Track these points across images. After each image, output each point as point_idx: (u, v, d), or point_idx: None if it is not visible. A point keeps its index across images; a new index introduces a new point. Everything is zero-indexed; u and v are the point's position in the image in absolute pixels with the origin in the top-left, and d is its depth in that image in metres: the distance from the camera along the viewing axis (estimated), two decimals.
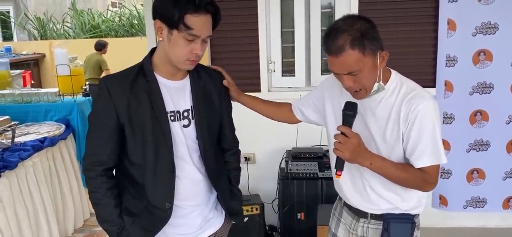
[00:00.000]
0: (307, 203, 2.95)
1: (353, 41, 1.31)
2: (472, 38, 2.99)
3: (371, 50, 1.34)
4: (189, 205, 1.52)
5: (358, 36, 1.31)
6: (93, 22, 11.34)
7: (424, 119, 1.39)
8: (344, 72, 1.36)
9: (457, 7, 2.96)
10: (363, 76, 1.36)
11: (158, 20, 1.36)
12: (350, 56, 1.32)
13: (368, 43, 1.33)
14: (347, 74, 1.36)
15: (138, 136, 1.41)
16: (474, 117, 3.11)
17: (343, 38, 1.32)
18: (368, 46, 1.33)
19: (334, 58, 1.35)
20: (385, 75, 1.45)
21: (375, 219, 1.56)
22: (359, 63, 1.33)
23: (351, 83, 1.38)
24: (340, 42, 1.32)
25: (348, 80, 1.37)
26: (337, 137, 1.38)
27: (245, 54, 3.16)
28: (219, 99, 1.58)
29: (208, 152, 1.52)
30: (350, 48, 1.31)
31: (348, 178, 1.58)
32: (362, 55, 1.32)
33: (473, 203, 3.22)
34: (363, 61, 1.33)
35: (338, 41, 1.32)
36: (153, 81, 1.43)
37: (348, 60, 1.32)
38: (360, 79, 1.37)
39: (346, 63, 1.33)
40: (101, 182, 1.43)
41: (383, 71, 1.43)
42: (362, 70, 1.34)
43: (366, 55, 1.33)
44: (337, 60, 1.34)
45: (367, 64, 1.34)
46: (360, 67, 1.34)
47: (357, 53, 1.32)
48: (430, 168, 1.41)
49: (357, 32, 1.32)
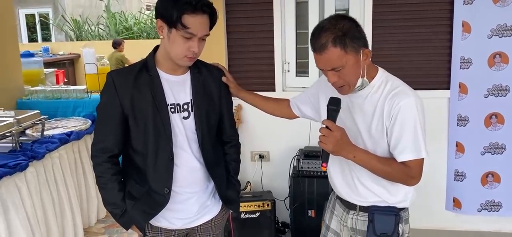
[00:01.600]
0: (318, 201, 3.01)
1: (335, 39, 1.39)
2: (488, 40, 2.97)
3: (353, 48, 1.41)
4: (187, 192, 1.62)
5: (340, 34, 1.39)
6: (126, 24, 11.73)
7: (406, 115, 1.45)
8: (328, 68, 1.44)
9: (472, 9, 2.95)
10: (346, 72, 1.44)
11: (159, 20, 1.49)
12: (332, 53, 1.40)
13: (350, 41, 1.40)
14: (331, 70, 1.44)
15: (140, 126, 1.54)
16: (489, 120, 3.08)
17: (326, 36, 1.40)
18: (350, 44, 1.40)
19: (318, 55, 1.44)
20: (372, 72, 1.52)
21: (363, 211, 1.63)
22: (341, 60, 1.41)
23: (336, 79, 1.45)
24: (323, 40, 1.40)
25: (333, 76, 1.45)
26: (322, 130, 1.46)
27: (261, 54, 3.25)
28: (218, 94, 1.68)
29: (206, 143, 1.62)
30: (332, 46, 1.39)
31: (338, 171, 1.65)
32: (344, 52, 1.40)
33: (488, 206, 3.19)
34: (345, 58, 1.41)
35: (321, 39, 1.41)
36: (155, 75, 1.55)
37: (330, 56, 1.40)
38: (343, 75, 1.44)
39: (329, 59, 1.41)
40: (107, 168, 1.56)
41: (370, 68, 1.50)
42: (344, 66, 1.42)
43: (348, 52, 1.41)
44: (321, 57, 1.43)
45: (350, 61, 1.42)
46: (343, 63, 1.41)
47: (338, 50, 1.40)
48: (412, 163, 1.47)
49: (339, 31, 1.40)
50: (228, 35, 3.24)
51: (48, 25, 13.33)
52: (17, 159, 2.72)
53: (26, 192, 2.74)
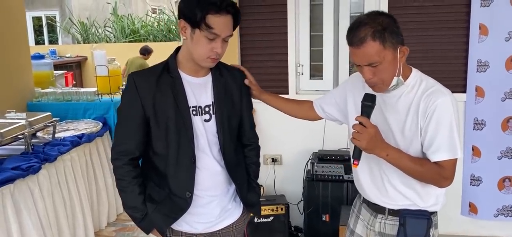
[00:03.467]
0: (332, 205, 2.97)
1: (374, 33, 1.37)
2: (505, 43, 2.94)
3: (391, 43, 1.39)
4: (208, 195, 1.59)
5: (379, 29, 1.37)
6: (133, 27, 11.75)
7: (442, 114, 1.42)
8: (364, 63, 1.41)
9: (489, 12, 2.91)
10: (383, 68, 1.41)
11: (182, 20, 1.46)
12: (371, 47, 1.37)
13: (389, 36, 1.38)
14: (367, 65, 1.41)
15: (162, 128, 1.51)
16: (506, 124, 3.03)
17: (365, 30, 1.38)
18: (388, 39, 1.38)
19: (355, 49, 1.41)
20: (406, 72, 1.49)
21: (392, 215, 1.59)
22: (379, 55, 1.38)
23: (371, 75, 1.43)
24: (362, 34, 1.38)
25: (368, 72, 1.42)
26: (355, 127, 1.42)
27: (274, 56, 3.23)
28: (239, 96, 1.65)
29: (227, 146, 1.60)
30: (371, 40, 1.37)
31: (367, 172, 1.61)
32: (383, 47, 1.38)
33: (505, 212, 3.14)
34: (383, 53, 1.38)
35: (360, 32, 1.38)
36: (177, 77, 1.52)
37: (369, 50, 1.38)
38: (379, 71, 1.41)
39: (367, 53, 1.38)
40: (127, 170, 1.53)
41: (404, 68, 1.47)
42: (382, 62, 1.39)
43: (387, 48, 1.38)
44: (359, 51, 1.40)
45: (387, 56, 1.39)
46: (380, 59, 1.39)
47: (377, 44, 1.37)
48: (446, 163, 1.44)
49: (379, 25, 1.37)
50: (241, 37, 3.22)
51: (54, 27, 13.38)
52: (29, 162, 2.70)
53: (39, 194, 2.72)
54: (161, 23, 11.87)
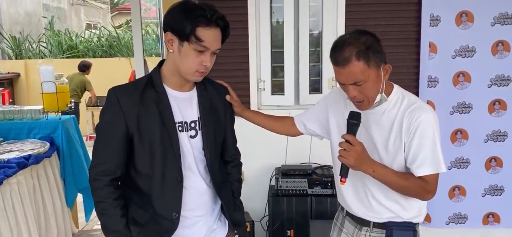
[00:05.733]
0: (297, 220, 2.98)
1: (359, 53, 1.39)
2: (452, 60, 3.14)
3: (375, 62, 1.42)
4: (195, 216, 1.54)
5: (363, 48, 1.40)
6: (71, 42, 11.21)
7: (425, 130, 1.46)
8: (350, 82, 1.43)
9: (437, 31, 3.10)
10: (367, 86, 1.43)
11: (169, 33, 1.41)
12: (356, 66, 1.40)
13: (373, 56, 1.41)
14: (352, 84, 1.44)
15: (146, 146, 1.43)
16: (454, 136, 3.23)
17: (349, 50, 1.40)
18: (372, 58, 1.41)
19: (341, 68, 1.42)
20: (388, 88, 1.54)
21: (377, 228, 1.62)
22: (364, 74, 1.41)
23: (356, 93, 1.45)
24: (347, 54, 1.40)
25: (354, 90, 1.45)
26: (342, 144, 1.44)
27: (236, 72, 3.21)
28: (224, 111, 1.63)
29: (214, 163, 1.55)
30: (356, 59, 1.39)
31: (350, 187, 1.63)
32: (367, 66, 1.40)
33: (455, 219, 3.32)
34: (367, 72, 1.41)
35: (345, 52, 1.40)
36: (162, 92, 1.46)
37: (354, 70, 1.40)
38: (364, 89, 1.44)
39: (352, 73, 1.41)
40: (108, 192, 1.43)
41: (386, 85, 1.51)
42: (366, 81, 1.42)
43: (371, 67, 1.41)
44: (344, 71, 1.42)
45: (372, 75, 1.42)
46: (365, 77, 1.41)
47: (362, 64, 1.40)
48: (430, 177, 1.49)
49: (363, 45, 1.40)
50: None
51: None
52: None
53: None
54: (102, 39, 11.43)
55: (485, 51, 3.10)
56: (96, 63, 8.62)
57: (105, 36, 11.59)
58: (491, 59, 3.10)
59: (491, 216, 3.31)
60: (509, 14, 3.04)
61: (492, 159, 3.24)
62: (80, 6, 16.00)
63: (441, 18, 3.07)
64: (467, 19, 3.06)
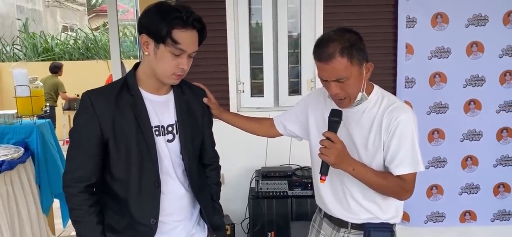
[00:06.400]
0: (277, 222, 2.98)
1: (342, 50, 1.40)
2: (428, 61, 3.19)
3: (358, 60, 1.43)
4: (173, 221, 1.51)
5: (347, 45, 1.40)
6: (46, 44, 10.97)
7: (404, 130, 1.48)
8: (332, 78, 1.43)
9: (413, 32, 3.15)
10: (349, 83, 1.44)
11: (144, 35, 1.38)
12: (339, 63, 1.40)
13: (356, 53, 1.42)
14: (335, 81, 1.44)
15: (122, 151, 1.40)
16: (431, 136, 3.28)
17: (333, 46, 1.40)
18: (355, 56, 1.42)
19: (324, 64, 1.42)
20: (368, 88, 1.55)
21: (355, 229, 1.62)
22: (347, 71, 1.41)
23: (338, 90, 1.45)
24: (331, 50, 1.40)
25: (336, 87, 1.45)
26: (323, 142, 1.43)
27: (215, 74, 3.20)
28: (201, 114, 1.60)
29: (192, 167, 1.53)
30: (339, 56, 1.40)
31: (328, 187, 1.63)
32: (350, 63, 1.41)
33: (433, 218, 3.38)
34: (350, 69, 1.42)
35: (329, 48, 1.41)
36: (138, 95, 1.43)
37: (337, 66, 1.41)
38: (346, 86, 1.45)
39: (335, 69, 1.41)
40: (83, 198, 1.39)
41: (367, 84, 1.52)
42: (349, 78, 1.43)
43: (354, 64, 1.42)
44: (327, 67, 1.42)
45: (354, 72, 1.43)
46: (348, 74, 1.42)
47: (345, 61, 1.40)
48: (408, 176, 1.50)
49: (347, 41, 1.41)
50: None
51: None
52: None
53: None
54: (79, 41, 11.23)
55: (460, 52, 3.16)
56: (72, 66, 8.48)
57: (82, 38, 11.39)
58: (466, 60, 3.17)
59: (467, 214, 3.38)
60: (483, 16, 3.10)
61: (468, 158, 3.30)
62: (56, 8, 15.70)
63: (417, 20, 3.11)
64: (442, 21, 3.11)
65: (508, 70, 3.19)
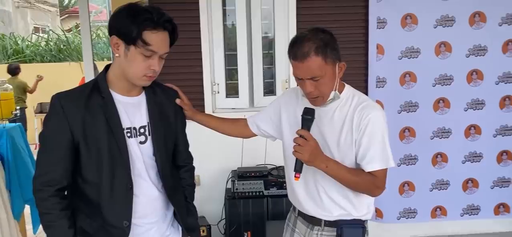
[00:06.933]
0: (254, 222, 2.99)
1: (317, 49, 1.43)
2: (398, 61, 3.27)
3: (332, 59, 1.47)
4: (147, 223, 1.51)
5: (322, 44, 1.44)
6: (16, 46, 10.69)
7: (375, 127, 1.52)
8: (307, 76, 1.47)
9: (384, 33, 3.23)
10: (323, 82, 1.48)
11: (115, 36, 1.37)
12: (314, 61, 1.44)
13: (330, 52, 1.46)
14: (309, 79, 1.47)
15: (93, 154, 1.39)
16: (403, 134, 3.37)
17: (308, 45, 1.44)
18: (329, 55, 1.46)
19: (299, 63, 1.46)
20: (340, 87, 1.59)
21: (328, 226, 1.65)
22: (321, 69, 1.45)
23: (312, 89, 1.49)
24: (306, 48, 1.43)
25: (310, 86, 1.48)
26: (297, 140, 1.46)
27: (189, 75, 3.19)
28: (174, 115, 1.61)
29: (165, 168, 1.53)
30: (314, 54, 1.43)
31: (302, 184, 1.66)
32: (324, 62, 1.45)
33: (406, 214, 3.46)
34: (325, 68, 1.46)
35: (304, 47, 1.44)
36: (108, 97, 1.43)
37: (312, 65, 1.44)
38: (320, 85, 1.48)
39: (310, 68, 1.44)
40: (54, 202, 1.38)
41: (339, 83, 1.56)
42: (323, 77, 1.46)
43: (328, 63, 1.46)
44: (302, 65, 1.45)
45: (328, 71, 1.47)
46: (322, 73, 1.45)
47: (320, 59, 1.44)
48: (379, 172, 1.54)
49: (321, 41, 1.45)
50: None
51: None
52: None
53: None
54: (50, 43, 10.98)
55: (429, 52, 3.25)
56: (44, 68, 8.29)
57: (54, 40, 11.15)
58: (435, 60, 3.26)
59: (438, 209, 3.48)
60: (450, 17, 3.20)
61: (438, 155, 3.40)
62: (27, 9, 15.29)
63: (387, 21, 3.19)
64: (411, 22, 3.20)
65: (474, 69, 3.30)
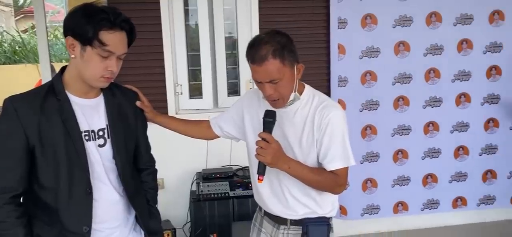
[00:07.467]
0: (220, 223, 2.97)
1: (275, 52, 1.43)
2: (359, 61, 3.33)
3: (289, 61, 1.47)
4: (108, 228, 1.47)
5: (279, 47, 1.44)
6: None
7: (335, 126, 1.54)
8: (266, 80, 1.46)
9: (345, 33, 3.28)
10: (282, 84, 1.48)
11: (70, 37, 1.33)
12: (272, 64, 1.43)
13: (288, 55, 1.46)
14: (268, 82, 1.47)
15: (50, 159, 1.34)
16: (365, 132, 3.43)
17: (266, 48, 1.43)
18: (287, 57, 1.46)
19: (257, 66, 1.45)
20: (300, 87, 1.60)
21: (294, 225, 1.66)
22: (279, 72, 1.45)
23: (272, 91, 1.49)
24: (263, 52, 1.43)
25: (270, 88, 1.48)
26: (259, 143, 1.46)
27: (151, 77, 3.14)
28: (134, 117, 1.57)
29: (126, 172, 1.49)
30: (272, 57, 1.43)
31: (267, 185, 1.66)
32: (282, 64, 1.45)
33: (369, 210, 3.53)
34: (283, 71, 1.46)
35: (262, 50, 1.43)
36: (65, 100, 1.38)
37: (270, 68, 1.44)
38: (279, 87, 1.48)
39: (269, 71, 1.44)
40: (9, 210, 1.32)
41: (298, 84, 1.57)
42: (282, 79, 1.46)
43: (286, 65, 1.46)
44: (260, 69, 1.45)
45: (286, 73, 1.47)
46: (280, 75, 1.45)
47: (278, 62, 1.44)
48: (340, 171, 1.56)
49: (278, 44, 1.45)
50: None
51: None
52: None
53: None
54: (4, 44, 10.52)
55: (388, 51, 3.33)
56: None
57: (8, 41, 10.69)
58: (394, 59, 3.34)
59: (400, 204, 3.57)
60: (408, 17, 3.30)
61: (399, 151, 3.49)
62: None
63: (348, 21, 3.24)
64: (371, 22, 3.27)
65: (432, 68, 3.41)
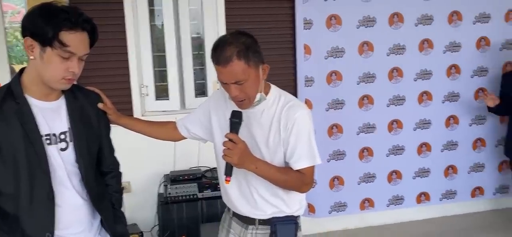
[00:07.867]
0: (188, 226, 2.95)
1: (239, 53, 1.43)
2: (325, 61, 3.38)
3: (254, 62, 1.47)
4: (71, 234, 1.43)
5: (243, 48, 1.44)
6: None
7: (301, 126, 1.56)
8: (231, 81, 1.46)
9: (311, 34, 3.32)
10: (248, 85, 1.48)
11: (28, 38, 1.29)
12: (237, 65, 1.43)
13: (252, 55, 1.46)
14: (234, 83, 1.47)
15: (9, 164, 1.30)
16: (331, 130, 3.49)
17: (230, 50, 1.43)
18: (252, 58, 1.46)
19: (222, 68, 1.45)
20: (266, 88, 1.61)
21: (262, 225, 1.67)
22: (244, 73, 1.45)
23: (238, 92, 1.49)
24: (228, 53, 1.43)
25: (235, 90, 1.48)
26: (226, 144, 1.46)
27: (115, 78, 3.08)
28: (97, 120, 1.54)
29: (89, 175, 1.46)
30: (237, 59, 1.43)
31: (235, 186, 1.66)
32: (247, 66, 1.45)
33: (336, 207, 3.59)
34: (248, 71, 1.46)
35: (226, 52, 1.43)
36: (24, 103, 1.33)
37: (235, 69, 1.44)
38: (245, 88, 1.48)
39: (233, 72, 1.44)
40: None
41: (264, 84, 1.58)
42: (247, 80, 1.47)
43: (251, 66, 1.46)
44: (225, 70, 1.44)
45: (252, 74, 1.47)
46: (246, 77, 1.46)
47: (243, 63, 1.44)
48: (307, 170, 1.58)
49: (243, 45, 1.44)
50: None
51: None
52: None
53: None
54: None
55: (353, 51, 3.40)
56: None
57: None
58: (358, 59, 3.42)
59: (366, 201, 3.65)
60: (371, 17, 3.37)
61: (364, 149, 3.57)
62: None
63: (313, 22, 3.28)
64: (336, 22, 3.32)
65: (395, 67, 3.51)
